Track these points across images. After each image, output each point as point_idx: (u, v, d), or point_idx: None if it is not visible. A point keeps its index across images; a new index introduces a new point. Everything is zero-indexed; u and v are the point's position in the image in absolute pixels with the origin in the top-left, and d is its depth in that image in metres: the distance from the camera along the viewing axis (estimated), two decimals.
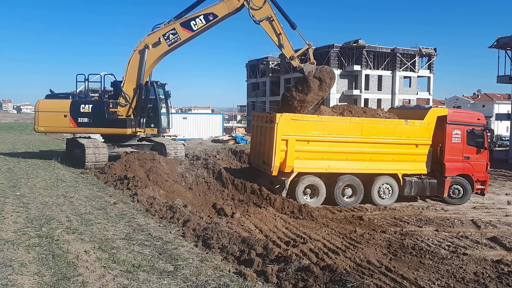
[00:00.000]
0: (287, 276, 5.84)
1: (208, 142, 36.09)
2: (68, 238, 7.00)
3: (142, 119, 17.17)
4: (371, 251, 8.76)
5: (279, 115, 13.05)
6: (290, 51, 14.83)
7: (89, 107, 17.06)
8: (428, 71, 61.95)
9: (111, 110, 16.55)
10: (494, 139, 39.46)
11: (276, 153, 12.93)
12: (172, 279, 5.55)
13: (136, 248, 6.72)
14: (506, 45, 30.19)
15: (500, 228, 11.73)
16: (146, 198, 10.35)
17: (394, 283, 6.86)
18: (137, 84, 16.27)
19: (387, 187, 14.20)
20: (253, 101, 71.76)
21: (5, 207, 8.91)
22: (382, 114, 15.15)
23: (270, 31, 14.61)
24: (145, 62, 15.72)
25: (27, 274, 5.44)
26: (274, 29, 14.60)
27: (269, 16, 14.47)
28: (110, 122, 16.58)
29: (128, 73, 16.19)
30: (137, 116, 16.74)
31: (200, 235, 7.55)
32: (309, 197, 13.53)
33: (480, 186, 15.33)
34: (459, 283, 7.20)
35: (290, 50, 14.84)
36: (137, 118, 16.79)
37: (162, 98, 18.47)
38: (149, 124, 17.52)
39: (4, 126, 52.48)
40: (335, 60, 56.72)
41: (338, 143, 13.53)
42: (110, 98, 17.48)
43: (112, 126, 16.70)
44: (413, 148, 14.24)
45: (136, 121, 16.78)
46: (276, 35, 14.61)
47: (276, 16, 14.57)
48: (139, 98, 16.44)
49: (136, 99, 16.50)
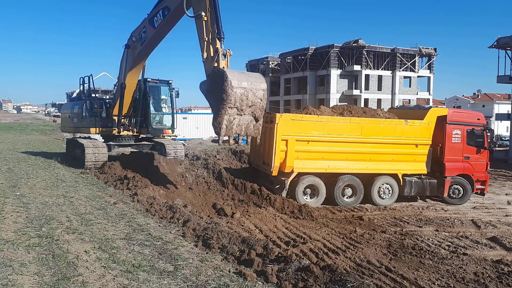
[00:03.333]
0: (287, 276, 5.84)
1: (208, 142, 36.08)
2: (68, 238, 7.00)
3: (133, 119, 17.11)
4: (371, 251, 8.76)
5: (279, 115, 13.05)
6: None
7: (77, 108, 17.61)
8: (428, 71, 61.97)
9: (98, 110, 16.68)
10: (494, 139, 39.46)
11: (276, 153, 12.93)
12: (172, 279, 5.55)
13: (136, 248, 6.72)
14: (506, 45, 30.20)
15: (500, 228, 11.73)
16: (146, 198, 10.35)
17: (394, 283, 6.86)
18: (119, 83, 16.17)
19: (387, 187, 14.20)
20: None
21: (5, 207, 8.91)
22: (382, 114, 15.15)
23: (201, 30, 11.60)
24: (126, 62, 15.41)
25: (27, 274, 5.44)
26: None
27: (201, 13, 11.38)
28: (94, 122, 16.76)
29: (119, 72, 16.18)
30: (120, 116, 16.69)
31: (200, 235, 7.55)
32: (309, 197, 13.53)
33: (480, 186, 15.32)
34: (459, 283, 7.20)
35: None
36: (120, 118, 16.74)
37: (163, 98, 18.37)
38: (142, 124, 17.39)
39: (4, 126, 52.47)
40: (335, 60, 56.75)
41: (338, 143, 13.52)
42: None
43: (97, 126, 16.85)
44: (413, 148, 14.24)
45: (118, 120, 16.74)
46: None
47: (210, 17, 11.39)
48: (120, 97, 16.30)
49: (119, 98, 16.43)
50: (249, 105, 10.42)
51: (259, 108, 10.68)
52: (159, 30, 14.11)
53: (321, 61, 58.55)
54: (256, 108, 10.61)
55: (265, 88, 10.86)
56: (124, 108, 16.52)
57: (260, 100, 10.62)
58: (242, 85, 10.25)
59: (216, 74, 10.44)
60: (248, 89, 10.33)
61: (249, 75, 10.98)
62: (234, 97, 10.04)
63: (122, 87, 15.92)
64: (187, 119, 40.08)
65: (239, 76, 10.40)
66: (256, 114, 10.69)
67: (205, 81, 11.03)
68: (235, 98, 10.09)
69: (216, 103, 10.31)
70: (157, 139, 18.14)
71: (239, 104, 10.22)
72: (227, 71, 10.21)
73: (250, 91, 10.36)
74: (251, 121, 10.76)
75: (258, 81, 10.73)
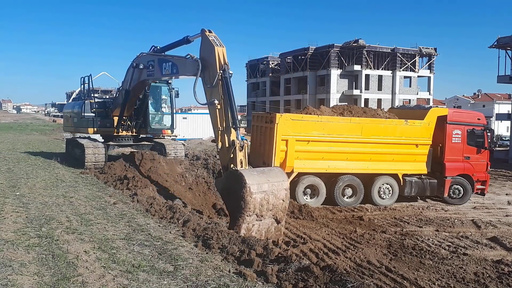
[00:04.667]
0: (287, 276, 5.83)
1: (208, 142, 36.06)
2: (68, 238, 6.98)
3: (132, 120, 17.13)
4: (371, 251, 8.76)
5: (279, 115, 13.05)
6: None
7: (77, 108, 17.74)
8: (428, 71, 61.96)
9: (96, 110, 16.75)
10: (494, 139, 39.42)
11: (276, 153, 12.92)
12: (172, 279, 5.54)
13: (136, 248, 6.71)
14: (506, 45, 30.22)
15: (500, 228, 11.72)
16: (146, 198, 10.34)
17: (394, 283, 6.86)
18: (123, 88, 16.09)
19: (387, 187, 14.19)
20: (253, 101, 71.76)
21: (5, 207, 8.89)
22: (382, 114, 15.14)
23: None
24: (132, 77, 15.13)
25: (27, 274, 5.43)
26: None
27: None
28: (92, 122, 16.82)
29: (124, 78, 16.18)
30: (120, 118, 16.72)
31: (200, 235, 7.54)
32: (309, 197, 13.52)
33: (480, 186, 15.33)
34: (459, 283, 7.20)
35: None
36: (121, 120, 16.77)
37: (163, 98, 18.34)
38: (141, 124, 17.38)
39: (4, 126, 52.47)
40: (335, 60, 56.74)
41: (338, 143, 13.52)
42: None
43: (95, 126, 16.91)
44: (413, 148, 14.24)
45: (119, 122, 16.75)
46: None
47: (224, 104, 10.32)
48: (123, 102, 16.27)
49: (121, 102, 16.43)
50: (270, 208, 9.23)
51: (281, 210, 9.42)
52: (164, 76, 13.90)
53: (321, 61, 58.54)
54: (278, 210, 9.37)
55: (288, 187, 9.65)
56: (126, 111, 16.60)
57: (282, 201, 9.40)
58: (262, 188, 9.02)
59: (232, 175, 9.39)
60: (269, 192, 9.11)
61: (270, 174, 9.64)
62: (253, 205, 8.87)
63: (127, 94, 15.97)
64: (187, 119, 40.05)
65: (259, 179, 9.17)
66: (278, 216, 9.43)
67: (220, 179, 10.29)
68: (255, 205, 8.91)
69: (233, 207, 9.26)
70: (157, 139, 18.12)
71: (258, 210, 9.01)
72: (245, 174, 9.03)
73: (271, 194, 9.16)
74: (272, 224, 9.48)
75: (279, 180, 9.48)
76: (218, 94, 10.30)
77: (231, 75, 10.41)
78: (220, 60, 10.33)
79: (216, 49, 10.34)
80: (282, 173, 9.80)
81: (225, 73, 10.22)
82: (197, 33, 11.37)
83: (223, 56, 10.42)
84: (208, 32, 10.76)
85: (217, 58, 10.31)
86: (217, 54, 10.32)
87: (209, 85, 10.56)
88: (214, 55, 10.33)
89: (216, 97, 10.34)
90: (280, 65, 67.30)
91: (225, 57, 10.46)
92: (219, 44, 10.53)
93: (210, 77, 10.54)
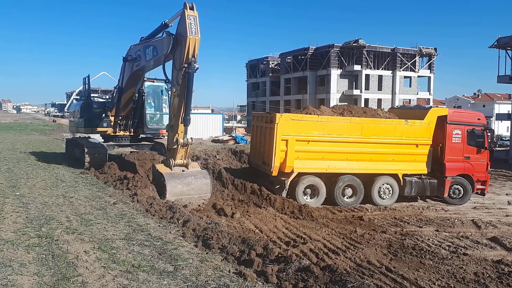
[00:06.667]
0: (287, 277, 5.83)
1: (208, 142, 36.10)
2: (68, 238, 6.98)
3: (130, 120, 17.11)
4: (372, 251, 8.76)
5: (279, 115, 13.04)
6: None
7: (76, 108, 17.80)
8: (429, 71, 61.97)
9: (94, 110, 16.79)
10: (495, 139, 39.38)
11: (276, 153, 12.92)
12: (172, 279, 5.54)
13: (136, 248, 6.70)
14: (506, 45, 30.19)
15: (501, 228, 11.71)
16: (146, 198, 10.33)
17: (395, 283, 6.86)
18: (118, 85, 16.15)
19: (387, 187, 14.19)
20: (253, 101, 71.79)
21: (5, 207, 8.89)
22: (382, 114, 15.14)
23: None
24: (124, 72, 15.19)
25: (27, 274, 5.43)
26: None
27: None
28: (89, 122, 16.89)
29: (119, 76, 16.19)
30: (117, 117, 16.71)
31: (200, 235, 7.54)
32: (309, 197, 13.51)
33: (480, 186, 15.32)
34: (460, 283, 7.20)
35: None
36: (117, 119, 16.76)
37: (162, 98, 18.30)
38: (138, 124, 17.34)
39: (4, 126, 52.43)
40: (335, 60, 56.75)
41: (338, 143, 13.51)
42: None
43: (92, 126, 16.96)
44: (413, 148, 14.23)
45: (115, 121, 16.75)
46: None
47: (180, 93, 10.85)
48: (118, 99, 16.29)
49: (117, 100, 16.45)
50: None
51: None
52: (148, 64, 13.55)
53: (321, 61, 58.54)
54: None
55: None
56: (122, 109, 16.54)
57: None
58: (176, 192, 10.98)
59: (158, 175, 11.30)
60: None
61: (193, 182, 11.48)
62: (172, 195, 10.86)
63: (120, 91, 15.97)
64: None
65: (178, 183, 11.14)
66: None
67: (155, 168, 11.77)
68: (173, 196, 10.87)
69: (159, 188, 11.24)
70: (157, 139, 18.13)
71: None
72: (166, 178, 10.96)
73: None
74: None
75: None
76: (179, 83, 10.57)
77: (197, 68, 10.36)
78: (189, 51, 10.11)
79: (188, 38, 10.08)
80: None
81: (189, 67, 10.14)
82: (174, 14, 11.22)
83: (194, 47, 10.19)
84: (188, 11, 10.35)
85: (186, 48, 10.09)
86: (188, 44, 10.09)
87: (178, 68, 10.62)
88: (185, 43, 10.17)
89: (177, 85, 10.62)
90: (280, 65, 67.30)
91: (196, 49, 10.23)
92: (194, 31, 10.22)
93: (180, 58, 10.55)
